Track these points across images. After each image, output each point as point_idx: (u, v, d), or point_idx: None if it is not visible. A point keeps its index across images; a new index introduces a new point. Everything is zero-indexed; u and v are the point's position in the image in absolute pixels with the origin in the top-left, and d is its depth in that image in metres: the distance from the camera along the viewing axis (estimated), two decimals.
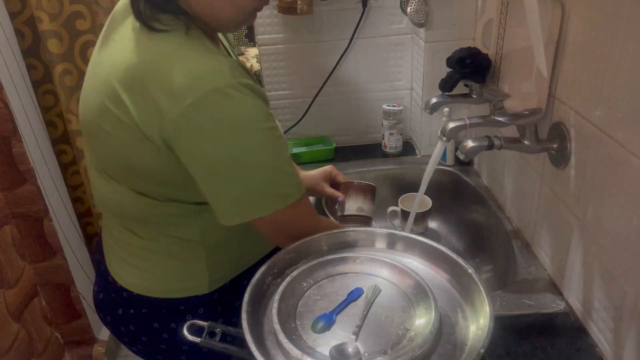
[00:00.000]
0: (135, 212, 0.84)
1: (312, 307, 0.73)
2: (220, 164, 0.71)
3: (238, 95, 0.68)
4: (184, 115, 0.67)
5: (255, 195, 0.74)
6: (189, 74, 0.68)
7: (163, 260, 0.87)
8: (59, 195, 1.72)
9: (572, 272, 0.91)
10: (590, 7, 0.78)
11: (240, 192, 0.73)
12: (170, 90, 0.67)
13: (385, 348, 0.65)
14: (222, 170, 0.72)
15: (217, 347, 0.71)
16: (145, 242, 0.86)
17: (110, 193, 0.84)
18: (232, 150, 0.70)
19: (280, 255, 0.80)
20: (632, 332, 0.74)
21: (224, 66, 0.69)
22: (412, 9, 1.35)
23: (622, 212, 0.74)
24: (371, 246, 0.85)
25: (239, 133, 0.70)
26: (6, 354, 1.28)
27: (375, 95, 1.60)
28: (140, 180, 0.79)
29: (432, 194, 1.25)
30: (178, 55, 0.70)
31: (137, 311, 0.90)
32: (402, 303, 0.72)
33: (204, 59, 0.70)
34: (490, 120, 0.99)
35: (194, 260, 0.87)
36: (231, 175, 0.72)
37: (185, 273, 0.88)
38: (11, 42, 1.56)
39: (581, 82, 0.82)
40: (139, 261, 0.88)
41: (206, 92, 0.67)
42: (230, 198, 0.74)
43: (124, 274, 0.90)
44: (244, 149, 0.71)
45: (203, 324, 0.72)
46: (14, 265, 1.40)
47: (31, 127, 1.59)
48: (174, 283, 0.88)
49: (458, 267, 0.75)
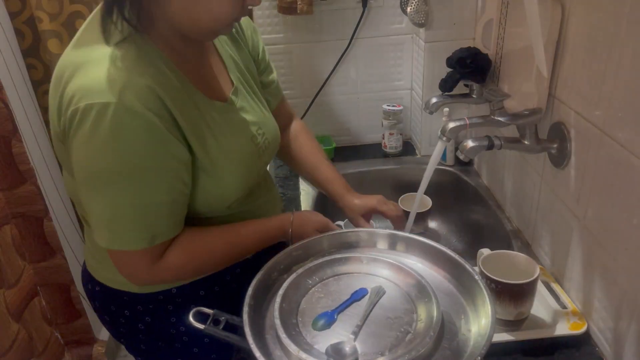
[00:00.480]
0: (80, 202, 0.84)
1: (315, 305, 0.73)
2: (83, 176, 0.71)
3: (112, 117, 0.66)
4: (68, 118, 0.68)
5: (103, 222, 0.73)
6: (83, 82, 0.68)
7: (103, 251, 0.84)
8: (59, 195, 1.72)
9: (572, 272, 0.91)
10: (590, 7, 0.78)
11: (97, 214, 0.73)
12: (68, 92, 0.69)
13: (384, 349, 0.65)
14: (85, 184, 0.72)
15: (220, 335, 0.71)
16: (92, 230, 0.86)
17: (69, 184, 0.85)
18: (94, 167, 0.69)
19: (288, 252, 0.80)
20: (632, 332, 0.74)
21: (117, 84, 0.67)
22: (412, 9, 1.35)
23: (622, 212, 0.74)
24: (373, 247, 0.86)
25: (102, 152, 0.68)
26: (6, 354, 1.27)
27: (375, 95, 1.59)
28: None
29: (432, 194, 1.25)
30: (91, 62, 0.70)
31: (98, 289, 0.92)
32: (405, 306, 0.72)
33: (104, 71, 0.68)
34: (490, 120, 0.99)
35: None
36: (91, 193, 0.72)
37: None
38: (11, 42, 1.56)
39: (581, 82, 0.82)
40: (91, 246, 0.90)
41: (87, 105, 0.66)
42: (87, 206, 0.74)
43: (86, 253, 0.94)
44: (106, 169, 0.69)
45: (209, 312, 0.73)
46: (14, 265, 1.40)
47: (31, 127, 1.59)
48: (112, 274, 0.87)
49: (463, 270, 0.75)
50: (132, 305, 0.90)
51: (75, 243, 1.79)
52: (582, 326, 0.84)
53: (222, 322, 0.73)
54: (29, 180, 1.47)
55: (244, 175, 0.85)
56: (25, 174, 1.46)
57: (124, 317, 0.92)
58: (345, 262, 0.80)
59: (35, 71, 1.67)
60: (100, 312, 0.96)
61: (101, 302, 0.94)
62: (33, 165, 1.49)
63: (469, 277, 0.74)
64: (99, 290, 0.93)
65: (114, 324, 0.95)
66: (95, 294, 0.94)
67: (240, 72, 0.91)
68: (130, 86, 0.68)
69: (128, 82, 0.68)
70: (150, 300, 0.89)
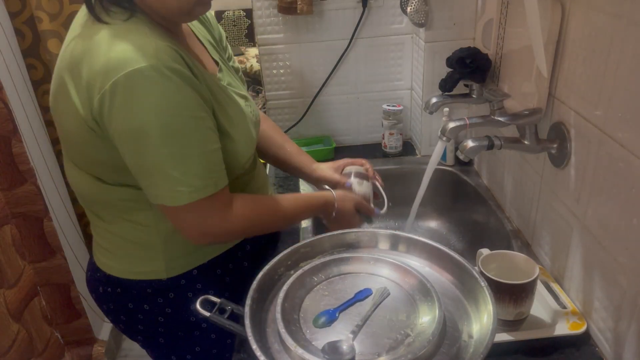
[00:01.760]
0: (94, 195, 0.87)
1: (318, 302, 0.73)
2: (137, 138, 0.73)
3: (159, 77, 0.70)
4: (107, 94, 0.70)
5: (166, 184, 0.76)
6: (114, 56, 0.71)
7: (122, 243, 0.90)
8: (59, 195, 1.72)
9: (572, 272, 0.91)
10: (590, 7, 0.78)
11: (154, 179, 0.76)
12: (97, 71, 0.71)
13: (381, 351, 0.65)
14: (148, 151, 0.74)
15: (224, 324, 0.72)
16: (107, 225, 0.90)
17: (74, 177, 0.88)
18: (155, 128, 0.72)
19: (296, 248, 0.80)
20: (632, 332, 0.74)
21: (149, 48, 0.71)
22: (412, 9, 1.35)
23: (622, 212, 0.74)
24: (380, 247, 0.86)
25: (157, 112, 0.71)
26: (6, 354, 1.28)
27: (375, 95, 1.60)
28: (91, 164, 0.83)
29: (432, 194, 1.25)
30: (110, 40, 0.73)
31: (113, 290, 0.93)
32: (408, 308, 0.72)
33: (130, 42, 0.72)
34: (490, 120, 0.99)
35: (150, 245, 0.89)
36: (149, 164, 0.75)
37: (142, 257, 0.90)
38: (11, 42, 1.56)
39: (581, 82, 0.82)
40: (105, 243, 0.92)
41: (127, 73, 0.69)
42: (146, 181, 0.77)
43: (98, 254, 0.95)
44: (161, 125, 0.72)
45: (216, 300, 0.74)
46: (14, 265, 1.40)
47: (31, 127, 1.59)
48: (133, 266, 0.91)
49: (470, 277, 0.75)
50: (152, 298, 0.91)
51: (76, 243, 1.79)
52: (581, 326, 0.85)
53: (228, 311, 0.74)
54: (29, 180, 1.47)
55: (252, 138, 0.91)
56: (25, 174, 1.46)
57: (142, 312, 0.93)
58: (352, 261, 0.80)
59: (35, 71, 1.67)
60: (116, 313, 0.96)
61: (117, 302, 0.94)
62: (33, 165, 1.49)
63: (474, 282, 0.74)
64: (113, 290, 0.93)
65: (132, 323, 0.96)
66: (109, 296, 0.94)
67: (219, 54, 0.96)
68: (160, 48, 0.73)
69: (157, 45, 0.73)
70: (172, 287, 0.91)
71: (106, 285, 0.94)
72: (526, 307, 0.85)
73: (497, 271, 0.84)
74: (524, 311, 0.85)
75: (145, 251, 0.89)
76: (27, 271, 1.46)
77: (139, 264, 0.90)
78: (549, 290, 0.93)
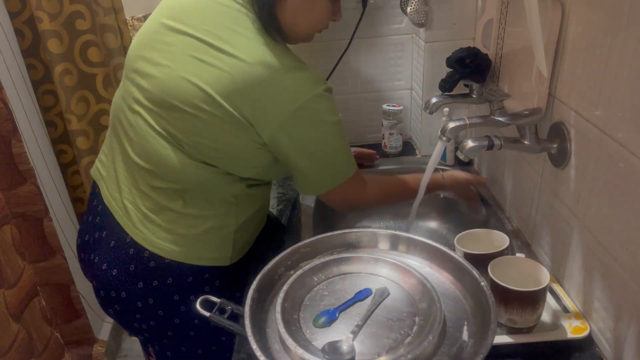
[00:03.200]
0: (192, 178, 0.93)
1: (318, 302, 0.73)
2: (317, 153, 0.93)
3: (326, 99, 0.90)
4: (292, 116, 0.86)
5: (332, 172, 0.97)
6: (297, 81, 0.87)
7: (200, 227, 0.96)
8: (59, 195, 1.72)
9: (572, 272, 0.91)
10: (590, 7, 0.78)
11: (325, 172, 0.97)
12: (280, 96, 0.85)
13: (381, 351, 0.65)
14: (318, 158, 0.94)
15: (224, 324, 0.73)
16: (189, 208, 0.95)
17: (171, 159, 0.91)
18: (326, 142, 0.93)
19: (296, 248, 0.81)
20: (632, 332, 0.74)
21: (316, 74, 0.90)
22: (412, 9, 1.35)
23: (622, 212, 0.74)
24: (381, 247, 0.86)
25: (328, 129, 0.92)
26: (6, 354, 1.28)
27: (375, 95, 1.59)
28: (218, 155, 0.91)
29: (432, 193, 1.25)
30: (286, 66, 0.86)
31: (161, 282, 0.96)
32: (408, 308, 0.72)
33: (304, 68, 0.89)
34: (490, 120, 0.99)
35: (225, 233, 0.99)
36: (323, 161, 0.95)
37: (215, 242, 0.99)
38: (11, 42, 1.56)
39: (581, 82, 0.82)
40: (177, 227, 0.95)
41: (309, 98, 0.86)
42: (318, 176, 0.97)
43: (158, 241, 0.95)
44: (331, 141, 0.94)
45: (216, 300, 0.75)
46: (14, 265, 1.40)
47: (31, 127, 1.59)
48: (204, 251, 0.98)
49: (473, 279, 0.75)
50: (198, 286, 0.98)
51: (75, 243, 1.79)
52: (584, 330, 0.84)
53: (228, 311, 0.75)
54: (29, 180, 1.47)
55: None
56: (25, 174, 1.46)
57: (186, 303, 0.98)
58: (352, 261, 0.80)
59: (35, 71, 1.67)
60: (150, 310, 0.98)
61: (159, 297, 0.96)
62: (33, 165, 1.49)
63: (475, 282, 0.74)
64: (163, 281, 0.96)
65: (169, 318, 0.98)
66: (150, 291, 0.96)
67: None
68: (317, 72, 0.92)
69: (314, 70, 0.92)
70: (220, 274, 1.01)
71: (153, 277, 0.95)
72: (539, 313, 0.82)
73: (504, 276, 0.81)
74: (539, 317, 0.83)
75: (219, 236, 0.98)
76: (27, 271, 1.46)
77: (209, 249, 0.98)
78: (550, 291, 0.93)
